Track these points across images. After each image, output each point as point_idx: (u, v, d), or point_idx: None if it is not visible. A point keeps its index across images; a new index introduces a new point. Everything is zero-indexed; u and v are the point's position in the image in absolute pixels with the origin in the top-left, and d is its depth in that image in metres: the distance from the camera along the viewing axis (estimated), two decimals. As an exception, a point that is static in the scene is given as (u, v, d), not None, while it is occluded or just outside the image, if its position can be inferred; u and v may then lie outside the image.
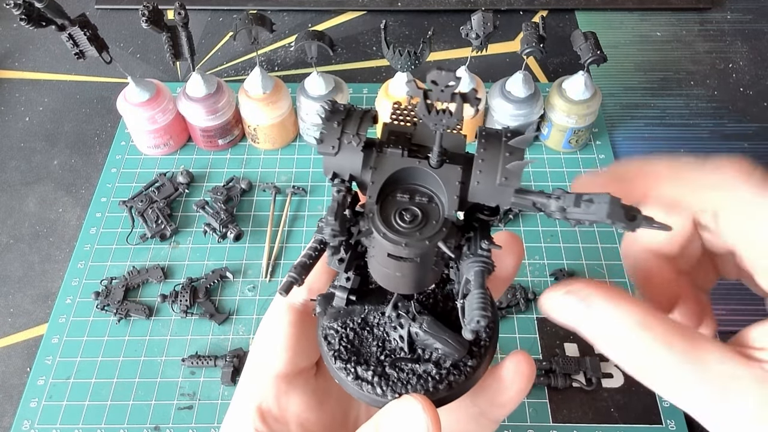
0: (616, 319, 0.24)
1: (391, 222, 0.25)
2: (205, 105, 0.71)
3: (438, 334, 0.28)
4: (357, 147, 0.25)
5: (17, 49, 0.91)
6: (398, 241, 0.24)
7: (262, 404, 0.30)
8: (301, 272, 0.26)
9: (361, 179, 0.26)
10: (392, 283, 0.27)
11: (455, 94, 0.22)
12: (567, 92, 0.71)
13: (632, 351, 0.24)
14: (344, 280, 0.29)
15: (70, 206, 0.73)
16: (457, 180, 0.25)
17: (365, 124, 0.26)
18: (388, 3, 0.94)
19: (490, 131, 0.25)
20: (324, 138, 0.25)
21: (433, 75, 0.21)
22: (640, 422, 0.56)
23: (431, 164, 0.25)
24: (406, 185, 0.26)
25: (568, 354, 0.60)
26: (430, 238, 0.24)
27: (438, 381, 0.27)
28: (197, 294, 0.64)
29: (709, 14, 0.95)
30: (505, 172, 0.24)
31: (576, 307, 0.25)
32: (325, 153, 0.25)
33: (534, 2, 0.94)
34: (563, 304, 0.26)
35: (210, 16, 0.94)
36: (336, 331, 0.29)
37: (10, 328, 0.63)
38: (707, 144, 0.78)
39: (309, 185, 0.73)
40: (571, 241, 0.68)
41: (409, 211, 0.25)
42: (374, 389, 0.27)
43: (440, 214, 0.25)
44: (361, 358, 0.29)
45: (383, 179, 0.25)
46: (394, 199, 0.25)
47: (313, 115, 0.72)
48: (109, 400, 0.58)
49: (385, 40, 0.64)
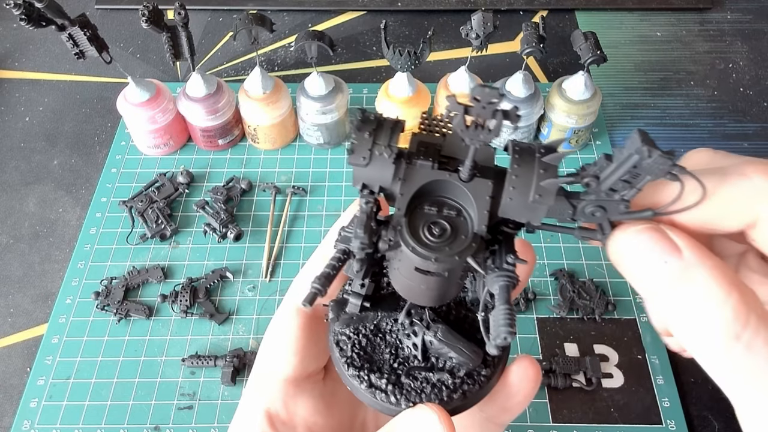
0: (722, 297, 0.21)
1: (420, 235, 0.24)
2: (205, 105, 0.71)
3: (453, 344, 0.27)
4: (389, 159, 0.25)
5: (17, 49, 0.91)
6: (428, 256, 0.24)
7: (271, 408, 0.30)
8: (324, 283, 0.26)
9: (390, 191, 0.25)
10: (415, 295, 0.27)
11: (497, 111, 0.21)
12: (567, 92, 0.71)
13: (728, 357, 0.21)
14: (359, 287, 0.29)
15: (70, 206, 0.73)
16: (487, 195, 0.24)
17: (396, 135, 0.25)
18: (388, 3, 0.94)
19: (523, 146, 0.25)
20: (355, 149, 0.25)
21: (477, 92, 0.21)
22: (640, 422, 0.56)
23: (462, 178, 0.25)
24: (435, 197, 0.25)
25: (568, 354, 0.60)
26: (460, 254, 0.24)
27: (452, 390, 0.27)
28: (197, 294, 0.64)
29: (709, 14, 0.95)
30: (539, 189, 0.23)
31: (665, 267, 0.22)
32: (356, 164, 0.25)
33: (534, 2, 0.94)
34: (647, 255, 0.23)
35: (210, 16, 0.94)
36: (348, 337, 0.29)
37: (10, 328, 0.63)
38: (707, 144, 0.78)
39: (309, 185, 0.73)
40: (571, 241, 0.68)
41: (438, 225, 0.25)
42: (388, 398, 0.27)
43: (469, 229, 0.25)
44: (374, 365, 0.28)
45: (413, 191, 0.25)
46: (421, 211, 0.25)
47: (313, 114, 0.72)
48: (109, 400, 0.58)
49: (385, 40, 0.64)
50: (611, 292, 0.64)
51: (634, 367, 0.59)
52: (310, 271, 0.32)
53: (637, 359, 0.60)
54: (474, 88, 0.21)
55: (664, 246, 0.23)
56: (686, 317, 0.22)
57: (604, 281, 0.65)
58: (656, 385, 0.58)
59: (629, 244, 0.24)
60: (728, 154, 0.26)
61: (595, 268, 0.66)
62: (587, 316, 0.62)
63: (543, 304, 0.64)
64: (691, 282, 0.22)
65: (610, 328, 0.62)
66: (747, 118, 0.81)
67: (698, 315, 0.21)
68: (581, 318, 0.62)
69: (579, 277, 0.65)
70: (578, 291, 0.64)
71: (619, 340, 0.61)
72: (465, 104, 0.22)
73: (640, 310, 0.63)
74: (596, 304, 0.63)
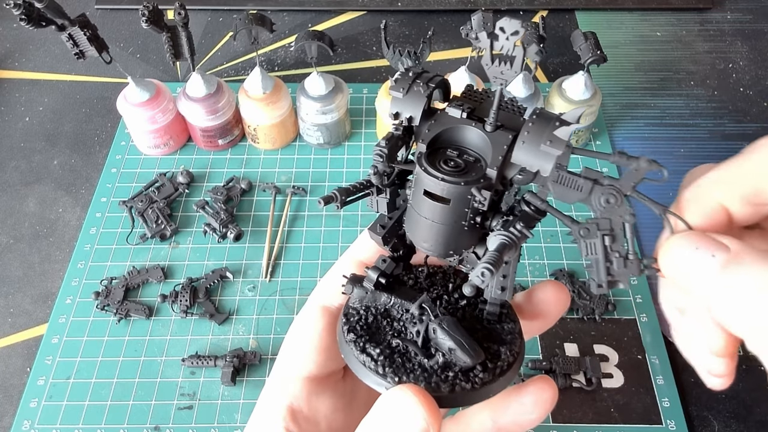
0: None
1: (435, 163, 0.26)
2: (205, 105, 0.71)
3: (454, 335, 0.28)
4: (423, 94, 0.27)
5: (17, 49, 0.91)
6: (436, 176, 0.25)
7: (294, 404, 0.30)
8: (342, 192, 0.27)
9: (419, 127, 0.27)
10: (422, 232, 0.28)
11: (516, 45, 0.23)
12: (567, 92, 0.71)
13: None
14: (381, 262, 0.30)
15: (70, 206, 0.73)
16: (505, 144, 0.26)
17: (434, 81, 0.28)
18: (388, 3, 0.94)
19: (546, 111, 0.26)
20: (398, 81, 0.28)
21: (502, 22, 0.23)
22: (640, 422, 0.56)
23: (486, 128, 0.26)
24: (458, 145, 0.27)
25: (568, 354, 0.60)
26: (467, 182, 0.25)
27: (442, 380, 0.27)
28: (197, 294, 0.64)
29: (709, 14, 0.95)
30: (550, 136, 0.24)
31: (714, 260, 0.23)
32: (395, 93, 0.27)
33: (534, 2, 0.94)
34: (696, 264, 0.23)
35: (210, 16, 0.94)
36: (357, 312, 0.30)
37: (10, 328, 0.63)
38: (707, 144, 0.78)
39: (309, 185, 0.73)
40: (571, 241, 0.68)
41: (454, 161, 0.27)
42: (377, 367, 0.27)
43: (482, 171, 0.26)
44: (373, 339, 0.29)
45: (439, 129, 0.27)
46: (443, 151, 0.27)
47: (313, 114, 0.72)
48: (109, 400, 0.58)
49: (385, 40, 0.64)
50: (611, 292, 0.64)
51: (634, 367, 0.59)
52: (337, 271, 0.32)
53: (637, 359, 0.60)
54: (501, 20, 0.23)
55: (709, 243, 0.23)
56: (740, 303, 0.22)
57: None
58: (656, 385, 0.58)
59: (676, 247, 0.24)
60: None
61: (595, 268, 0.66)
62: (587, 316, 0.62)
63: (543, 304, 0.64)
64: (742, 267, 0.22)
65: (610, 328, 0.62)
66: (747, 118, 0.81)
67: (753, 299, 0.22)
68: (581, 318, 0.62)
69: (579, 277, 0.65)
70: (578, 291, 0.64)
71: (619, 340, 0.61)
72: (492, 34, 0.24)
73: (640, 310, 0.63)
74: (596, 304, 0.63)
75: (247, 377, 0.59)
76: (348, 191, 0.28)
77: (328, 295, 0.32)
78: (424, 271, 0.32)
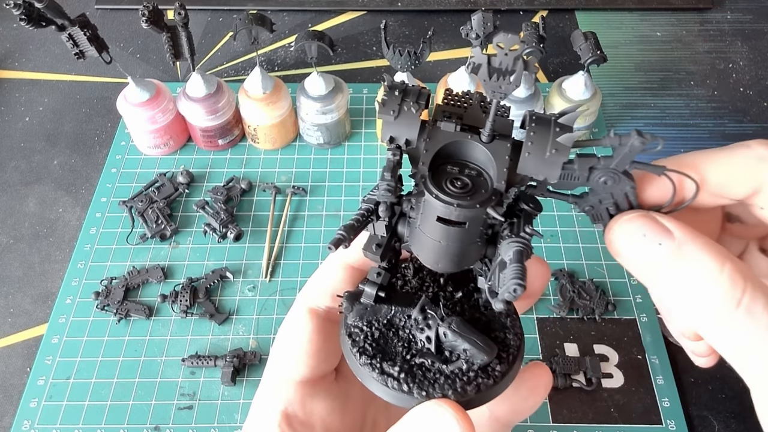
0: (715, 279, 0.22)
1: (443, 187, 0.26)
2: (205, 105, 0.71)
3: (467, 335, 0.27)
4: (415, 113, 0.26)
5: (17, 49, 0.91)
6: (450, 202, 0.25)
7: (288, 409, 0.30)
8: (349, 231, 0.26)
9: (415, 147, 0.27)
10: (435, 254, 0.27)
11: (517, 59, 0.23)
12: (567, 92, 0.72)
13: (731, 324, 0.22)
14: (375, 275, 0.29)
15: (70, 206, 0.73)
16: (506, 154, 0.26)
17: (422, 99, 0.27)
18: (388, 3, 0.94)
19: (539, 114, 0.26)
20: (385, 103, 0.27)
21: (499, 38, 0.22)
22: (640, 422, 0.56)
23: (482, 139, 0.26)
24: (456, 160, 0.27)
25: (568, 354, 0.60)
26: (481, 203, 0.25)
27: (466, 383, 0.27)
28: (197, 294, 0.64)
29: (709, 14, 0.95)
30: (555, 144, 0.25)
31: (660, 249, 0.23)
32: (385, 117, 0.26)
33: (534, 2, 0.94)
34: (642, 240, 0.24)
35: (210, 16, 0.94)
36: (361, 329, 0.29)
37: (10, 328, 0.63)
38: (707, 144, 0.78)
39: (309, 185, 0.73)
40: (571, 241, 0.68)
41: (460, 180, 0.26)
42: (400, 385, 0.27)
43: (489, 186, 0.26)
44: (387, 356, 0.28)
45: (436, 148, 0.26)
46: (444, 169, 0.27)
47: (313, 114, 0.72)
48: (109, 400, 0.58)
49: (385, 40, 0.64)
50: (611, 292, 0.64)
51: (634, 367, 0.59)
52: (322, 273, 0.32)
53: (637, 359, 0.60)
54: (497, 36, 0.23)
55: (656, 229, 0.24)
56: (686, 294, 0.23)
57: (604, 281, 0.65)
58: (656, 385, 0.58)
59: (624, 232, 0.25)
60: None
61: (595, 268, 0.66)
62: (587, 316, 0.62)
63: (543, 304, 0.64)
64: (686, 257, 0.23)
65: (610, 328, 0.62)
66: (747, 118, 0.81)
67: (697, 289, 0.22)
68: (581, 318, 0.62)
69: (579, 277, 0.65)
70: (578, 291, 0.64)
71: (619, 340, 0.61)
72: (489, 54, 0.23)
73: (640, 310, 0.63)
74: (596, 304, 0.63)
75: (247, 377, 0.59)
76: (354, 228, 0.27)
77: (315, 297, 0.32)
78: (410, 267, 0.32)
